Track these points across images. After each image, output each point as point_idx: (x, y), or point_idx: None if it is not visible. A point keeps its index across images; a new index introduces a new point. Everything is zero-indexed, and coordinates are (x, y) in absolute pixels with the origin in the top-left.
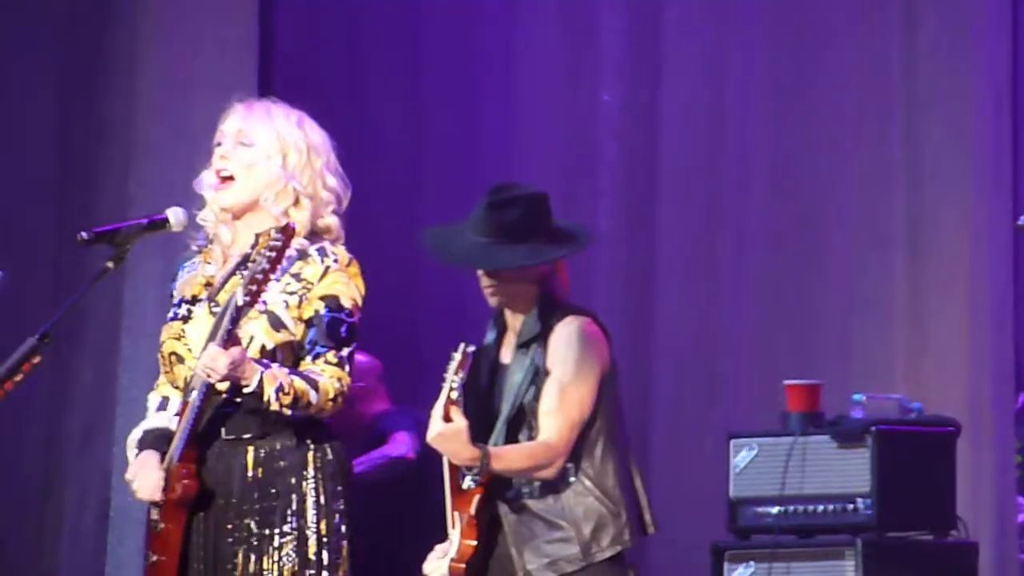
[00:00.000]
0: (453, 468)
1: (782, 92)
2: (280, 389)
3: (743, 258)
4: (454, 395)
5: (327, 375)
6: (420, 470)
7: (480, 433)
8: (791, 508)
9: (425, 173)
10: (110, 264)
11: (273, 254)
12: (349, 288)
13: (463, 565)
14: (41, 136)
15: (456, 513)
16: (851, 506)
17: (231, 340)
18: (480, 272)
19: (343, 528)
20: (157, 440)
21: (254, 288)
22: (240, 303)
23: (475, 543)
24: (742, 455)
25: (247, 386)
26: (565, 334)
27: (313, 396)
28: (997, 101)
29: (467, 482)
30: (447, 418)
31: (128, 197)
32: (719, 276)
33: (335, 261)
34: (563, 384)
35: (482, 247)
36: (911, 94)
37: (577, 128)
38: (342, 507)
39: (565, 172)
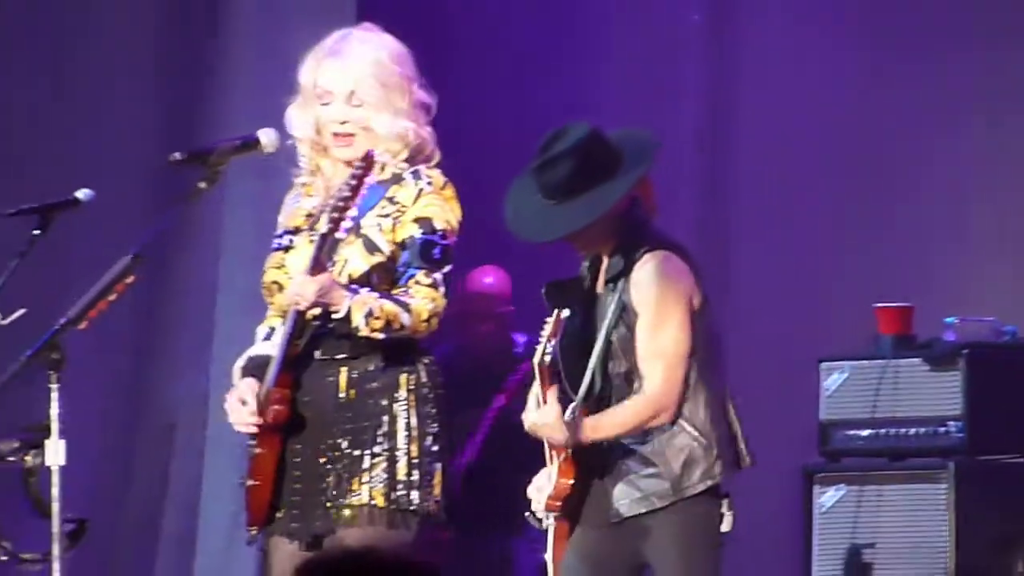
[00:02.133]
0: (546, 378)
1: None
2: (370, 314)
3: (831, 179)
4: (547, 359)
5: (419, 296)
6: None
7: (577, 364)
8: (882, 431)
9: (504, 92)
10: (202, 184)
11: (354, 182)
12: (443, 210)
13: (559, 502)
14: (142, 62)
15: (553, 451)
16: (943, 429)
17: (318, 267)
18: None
19: (435, 450)
20: (258, 367)
21: (336, 216)
22: (324, 231)
23: (571, 481)
24: (833, 378)
25: (336, 312)
26: (645, 274)
27: (405, 318)
28: None
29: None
30: (544, 401)
31: (227, 123)
32: (805, 197)
33: (428, 183)
34: (651, 329)
35: (546, 213)
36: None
37: (658, 49)
38: (435, 429)
39: (645, 93)
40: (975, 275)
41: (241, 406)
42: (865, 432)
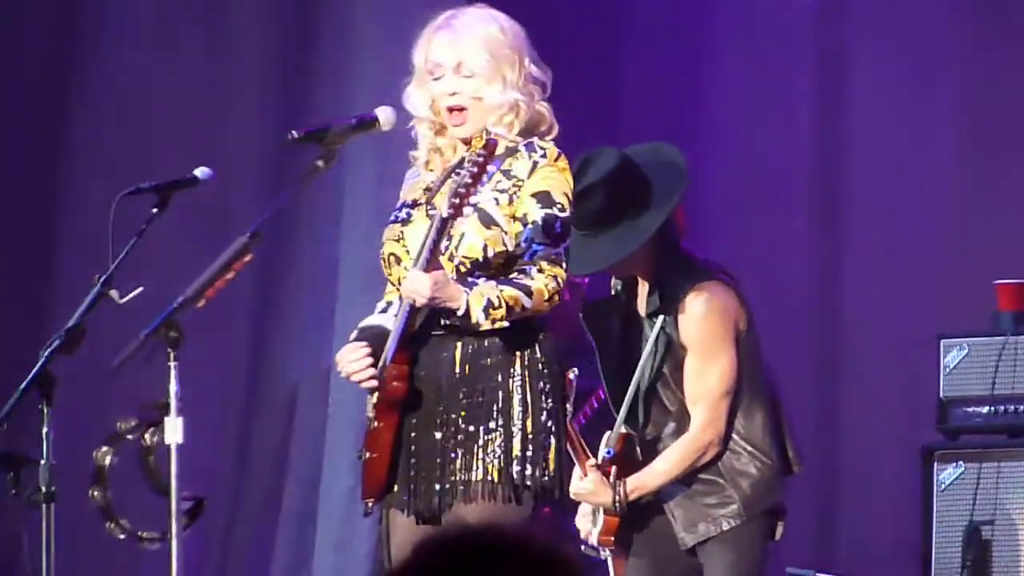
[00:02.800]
0: (577, 446)
1: None
2: (489, 305)
3: (949, 154)
4: (569, 420)
5: (543, 275)
6: None
7: (622, 389)
8: (1002, 408)
9: (617, 74)
10: (320, 163)
11: (475, 169)
12: (559, 183)
13: (611, 537)
14: (258, 34)
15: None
16: None
17: (433, 261)
18: None
19: (550, 425)
20: (373, 336)
21: (457, 201)
22: (444, 215)
23: (618, 517)
24: (952, 355)
25: (457, 308)
26: (693, 313)
27: (527, 301)
28: None
29: (601, 454)
30: (584, 472)
31: (346, 96)
32: (924, 172)
33: (543, 156)
34: (699, 368)
35: (581, 245)
36: None
37: (772, 28)
38: (550, 405)
39: (758, 70)
40: None
41: (354, 354)
42: (984, 409)
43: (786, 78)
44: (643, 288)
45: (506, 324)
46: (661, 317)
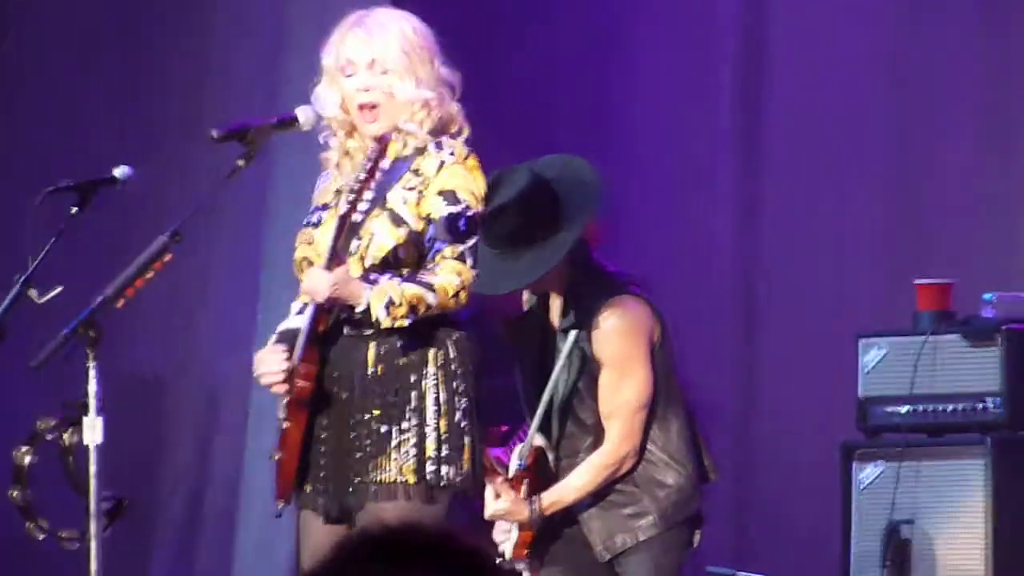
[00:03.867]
0: (487, 464)
1: None
2: (391, 303)
3: (871, 153)
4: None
5: (445, 271)
6: None
7: (538, 397)
8: (921, 407)
9: (541, 68)
10: (241, 162)
11: (370, 164)
12: (466, 181)
13: (525, 551)
14: (180, 29)
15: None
16: (981, 405)
17: (335, 260)
18: None
19: (465, 425)
20: (292, 339)
21: (352, 198)
22: (342, 213)
23: (532, 531)
24: (871, 354)
25: (357, 306)
26: (608, 328)
27: (431, 298)
28: None
29: (513, 468)
30: (496, 493)
31: (273, 94)
32: (845, 171)
33: (451, 154)
34: (614, 384)
35: (495, 265)
36: None
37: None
38: (464, 405)
39: (679, 62)
40: (1015, 250)
41: (272, 358)
42: (904, 408)
43: (707, 75)
44: (556, 301)
45: (407, 323)
46: (575, 332)
